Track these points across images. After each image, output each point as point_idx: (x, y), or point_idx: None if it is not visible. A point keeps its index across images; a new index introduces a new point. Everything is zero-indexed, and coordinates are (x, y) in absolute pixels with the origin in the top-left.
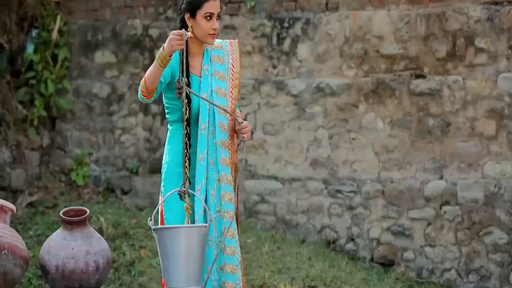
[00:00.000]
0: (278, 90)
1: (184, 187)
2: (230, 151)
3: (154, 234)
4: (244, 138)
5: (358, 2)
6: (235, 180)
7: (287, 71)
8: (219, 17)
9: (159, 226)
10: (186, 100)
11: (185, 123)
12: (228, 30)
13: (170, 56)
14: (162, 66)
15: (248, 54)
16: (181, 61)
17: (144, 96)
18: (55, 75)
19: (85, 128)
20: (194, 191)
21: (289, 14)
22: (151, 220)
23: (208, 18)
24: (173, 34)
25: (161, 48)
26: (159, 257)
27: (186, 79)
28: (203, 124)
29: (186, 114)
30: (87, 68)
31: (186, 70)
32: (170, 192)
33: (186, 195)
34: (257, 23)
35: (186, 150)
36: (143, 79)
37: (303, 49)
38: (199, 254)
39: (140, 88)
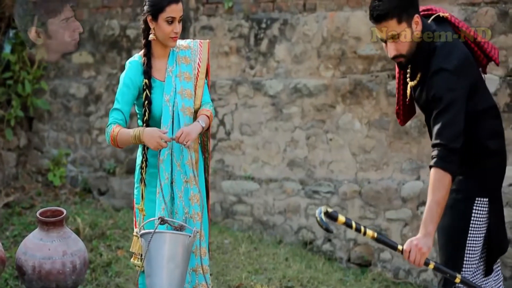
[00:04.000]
0: (255, 91)
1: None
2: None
3: (140, 239)
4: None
5: (336, 3)
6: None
7: (264, 71)
8: (181, 20)
9: (145, 230)
10: (146, 102)
11: (144, 125)
12: (206, 30)
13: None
14: (135, 143)
15: (226, 55)
16: (143, 62)
17: (112, 145)
18: (32, 76)
19: (62, 128)
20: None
21: (266, 14)
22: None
23: (170, 21)
24: (160, 139)
25: (141, 132)
26: (144, 262)
27: (147, 81)
28: (164, 126)
29: (145, 116)
30: (64, 68)
31: (148, 74)
32: (149, 220)
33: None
34: (234, 23)
35: (143, 152)
36: (114, 133)
37: (280, 50)
38: (181, 261)
39: (109, 136)
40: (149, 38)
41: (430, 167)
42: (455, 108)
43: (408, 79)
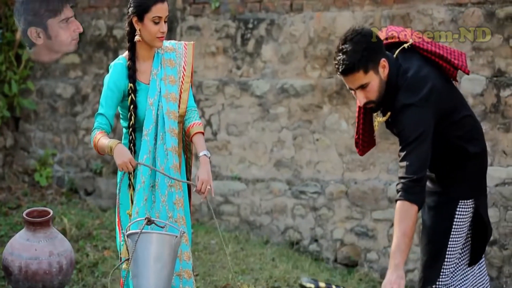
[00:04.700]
0: (242, 91)
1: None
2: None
3: (126, 239)
4: (204, 197)
5: (323, 3)
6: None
7: (251, 72)
8: (166, 20)
9: (132, 231)
10: (132, 106)
11: (130, 129)
12: (193, 31)
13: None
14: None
15: (212, 55)
16: (128, 65)
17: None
18: (18, 76)
19: (49, 128)
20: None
21: (253, 15)
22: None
23: (156, 21)
24: (127, 163)
25: (113, 146)
26: (130, 262)
27: (132, 85)
28: (146, 130)
29: (131, 120)
30: (50, 68)
31: (133, 78)
32: (135, 220)
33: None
34: (221, 24)
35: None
36: (95, 140)
37: (267, 50)
38: (168, 262)
39: (92, 141)
40: (135, 39)
41: (396, 200)
42: (420, 140)
43: (375, 115)
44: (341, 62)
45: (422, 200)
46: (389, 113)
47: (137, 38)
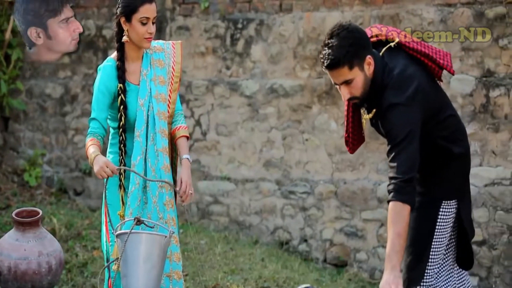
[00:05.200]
0: (232, 91)
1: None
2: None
3: (116, 240)
4: (184, 201)
5: (312, 4)
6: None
7: (240, 72)
8: (155, 21)
9: (121, 231)
10: (122, 107)
11: (120, 129)
12: (182, 31)
13: None
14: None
15: (202, 55)
16: (117, 66)
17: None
18: (8, 76)
19: (38, 128)
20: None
21: (242, 15)
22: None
23: (144, 22)
24: (103, 167)
25: (92, 158)
26: (120, 262)
27: (122, 85)
28: (138, 131)
29: (122, 120)
30: (40, 68)
31: (123, 78)
32: (125, 220)
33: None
34: (210, 24)
35: (121, 157)
36: (86, 147)
37: (256, 50)
38: (157, 262)
39: (85, 147)
40: (123, 40)
41: (388, 201)
42: (408, 139)
43: (362, 111)
44: (327, 56)
45: (414, 200)
46: (374, 110)
47: (124, 38)
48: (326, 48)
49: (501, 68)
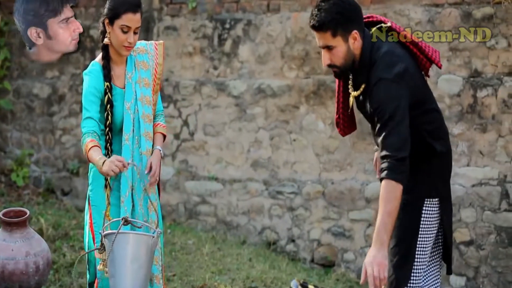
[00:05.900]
0: (219, 91)
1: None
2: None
3: (103, 240)
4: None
5: (299, 4)
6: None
7: (228, 72)
8: (137, 32)
9: (108, 231)
10: (109, 105)
11: (107, 129)
12: (169, 31)
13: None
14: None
15: (189, 55)
16: (102, 66)
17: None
18: None
19: (26, 128)
20: (119, 201)
21: (230, 15)
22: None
23: (125, 30)
24: (115, 162)
25: (101, 164)
26: (107, 262)
27: (108, 84)
28: (126, 135)
29: (108, 119)
30: (27, 68)
31: (108, 77)
32: (112, 220)
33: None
34: (198, 24)
35: (108, 157)
36: (87, 148)
37: (244, 50)
38: (144, 262)
39: (83, 148)
40: (104, 42)
41: (381, 179)
42: (398, 117)
43: (350, 89)
44: (314, 17)
45: (406, 180)
46: (363, 86)
47: (106, 40)
48: (316, 9)
49: (488, 69)
